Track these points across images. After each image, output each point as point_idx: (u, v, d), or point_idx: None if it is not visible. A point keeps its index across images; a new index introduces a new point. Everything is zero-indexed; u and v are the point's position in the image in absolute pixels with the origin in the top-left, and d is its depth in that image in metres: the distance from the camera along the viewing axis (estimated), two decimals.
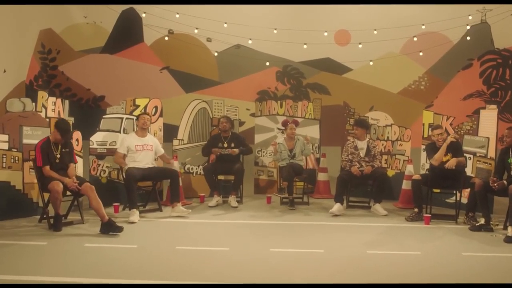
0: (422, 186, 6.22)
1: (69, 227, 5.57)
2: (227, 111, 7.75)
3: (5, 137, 5.92)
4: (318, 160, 7.86)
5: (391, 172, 7.47)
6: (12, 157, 5.93)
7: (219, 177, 7.22)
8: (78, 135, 6.48)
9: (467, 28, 8.71)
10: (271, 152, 7.42)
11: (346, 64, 9.23)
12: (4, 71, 7.60)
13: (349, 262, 4.50)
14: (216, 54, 9.18)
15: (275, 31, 8.87)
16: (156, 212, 6.44)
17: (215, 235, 5.44)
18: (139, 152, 6.31)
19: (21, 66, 8.24)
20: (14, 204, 5.92)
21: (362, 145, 6.83)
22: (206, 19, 8.75)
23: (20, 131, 6.02)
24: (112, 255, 4.61)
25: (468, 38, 8.77)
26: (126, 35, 9.17)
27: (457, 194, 6.23)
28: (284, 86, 9.38)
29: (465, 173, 6.26)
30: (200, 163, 7.51)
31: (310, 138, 7.31)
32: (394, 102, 9.01)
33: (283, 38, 8.83)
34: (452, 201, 6.41)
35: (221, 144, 7.16)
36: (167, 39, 9.08)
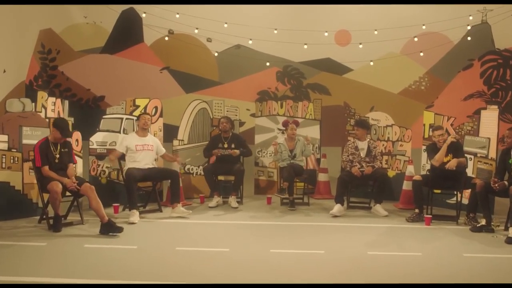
0: (423, 186, 6.20)
1: (68, 227, 5.56)
2: (227, 111, 7.74)
3: (4, 137, 5.92)
4: (318, 160, 7.85)
5: (391, 173, 7.45)
6: (11, 157, 5.91)
7: (219, 177, 7.21)
8: (78, 135, 6.46)
9: (468, 28, 8.70)
10: (272, 152, 7.41)
11: (347, 64, 9.23)
12: (4, 71, 7.59)
13: (349, 263, 4.49)
14: (216, 54, 9.17)
15: (276, 31, 8.86)
16: (156, 213, 6.43)
17: (215, 236, 5.43)
18: (139, 152, 6.29)
19: (21, 66, 8.23)
20: (13, 204, 5.90)
21: (363, 145, 6.81)
22: (206, 19, 8.75)
23: (20, 131, 6.00)
24: (112, 256, 4.60)
25: (468, 39, 8.76)
26: (126, 35, 9.16)
27: (457, 195, 6.22)
28: (285, 87, 9.37)
29: (466, 173, 6.25)
30: (200, 163, 7.50)
31: (311, 139, 7.29)
32: (395, 102, 9.00)
33: (284, 38, 8.82)
34: (453, 202, 6.40)
35: (221, 144, 7.14)
36: (167, 39, 9.07)
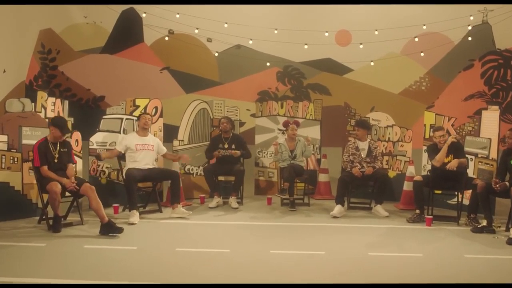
0: (424, 187, 6.19)
1: (68, 228, 5.55)
2: (227, 111, 7.73)
3: (4, 137, 5.91)
4: (319, 161, 7.84)
5: (392, 173, 7.44)
6: (11, 157, 5.90)
7: (220, 178, 7.20)
8: (77, 135, 6.46)
9: (469, 28, 8.68)
10: (272, 152, 7.39)
11: (347, 64, 9.21)
12: (4, 71, 7.57)
13: (350, 264, 4.47)
14: (216, 55, 9.15)
15: (276, 31, 8.84)
16: (156, 213, 6.42)
17: (216, 237, 5.42)
18: (139, 152, 6.28)
19: (21, 66, 8.21)
20: (13, 205, 5.89)
21: (363, 146, 6.80)
22: (207, 19, 8.73)
23: (20, 131, 5.99)
24: (112, 257, 4.58)
25: (469, 39, 8.74)
26: (126, 35, 9.14)
27: (458, 196, 6.20)
28: (285, 87, 9.35)
29: (466, 174, 6.24)
30: (200, 164, 7.48)
31: (311, 139, 7.28)
32: (395, 102, 8.98)
33: (284, 39, 8.80)
34: (454, 202, 6.38)
35: (221, 145, 7.13)
36: (167, 39, 9.05)
